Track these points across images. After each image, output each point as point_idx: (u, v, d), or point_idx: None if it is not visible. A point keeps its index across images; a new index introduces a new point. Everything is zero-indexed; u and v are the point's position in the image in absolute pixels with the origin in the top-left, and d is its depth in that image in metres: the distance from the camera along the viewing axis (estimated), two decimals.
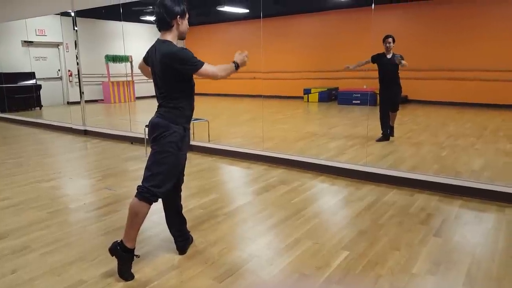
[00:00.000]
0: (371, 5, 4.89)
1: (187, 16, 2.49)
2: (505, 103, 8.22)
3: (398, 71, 5.75)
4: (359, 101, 10.00)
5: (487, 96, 8.72)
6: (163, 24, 2.43)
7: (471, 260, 2.59)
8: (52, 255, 2.71)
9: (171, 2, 2.39)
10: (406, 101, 9.98)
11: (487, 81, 8.67)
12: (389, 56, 5.72)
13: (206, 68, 2.37)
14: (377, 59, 5.82)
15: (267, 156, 5.08)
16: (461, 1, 9.32)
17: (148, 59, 2.57)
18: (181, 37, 2.52)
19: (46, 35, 11.03)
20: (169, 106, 2.44)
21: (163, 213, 3.38)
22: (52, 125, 8.17)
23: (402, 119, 7.89)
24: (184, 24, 2.48)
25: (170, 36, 2.45)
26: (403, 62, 5.53)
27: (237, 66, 2.49)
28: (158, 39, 2.49)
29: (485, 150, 5.47)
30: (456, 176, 4.05)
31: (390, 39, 5.67)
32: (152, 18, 12.07)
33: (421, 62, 9.59)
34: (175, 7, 2.39)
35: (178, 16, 2.42)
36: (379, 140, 5.89)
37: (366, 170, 4.30)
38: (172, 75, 2.39)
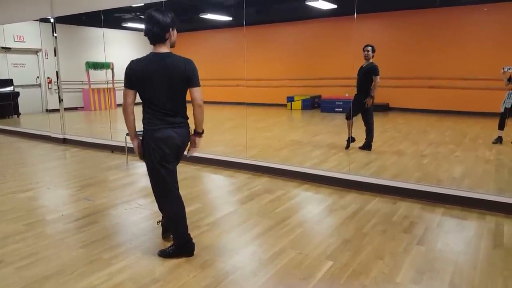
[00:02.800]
0: (354, 14, 4.95)
1: (176, 25, 2.59)
2: (483, 111, 8.42)
3: (368, 81, 5.78)
4: (341, 109, 10.09)
5: (466, 104, 8.92)
6: (159, 38, 2.52)
7: (453, 268, 2.60)
8: (28, 269, 2.60)
9: (161, 16, 2.49)
10: (387, 109, 10.14)
11: (466, 90, 8.89)
12: (365, 64, 5.80)
13: (200, 89, 2.62)
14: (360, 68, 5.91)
15: (251, 164, 5.05)
16: (441, 12, 9.56)
17: (139, 77, 2.53)
18: (173, 45, 2.63)
19: (24, 42, 10.80)
20: (184, 114, 2.66)
21: (142, 225, 3.33)
22: (30, 133, 7.96)
23: (384, 126, 7.99)
24: (174, 34, 2.60)
25: (166, 48, 2.56)
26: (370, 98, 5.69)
27: (200, 133, 2.76)
28: (156, 52, 2.55)
29: (465, 157, 5.57)
30: (437, 184, 4.10)
31: (369, 48, 5.74)
32: (134, 25, 11.97)
33: (402, 70, 9.78)
34: (166, 21, 2.50)
35: (170, 28, 2.53)
36: (346, 147, 5.99)
37: (350, 178, 4.32)
38: (186, 85, 2.58)
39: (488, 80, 8.16)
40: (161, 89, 2.53)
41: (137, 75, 2.53)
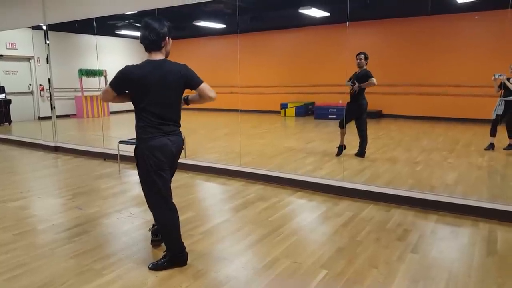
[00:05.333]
0: (346, 22, 4.98)
1: (171, 34, 2.59)
2: (475, 118, 8.48)
3: (362, 88, 5.80)
4: (335, 116, 10.12)
5: (458, 111, 8.99)
6: (155, 46, 2.52)
7: (448, 276, 2.59)
8: (17, 281, 2.55)
9: (158, 24, 2.49)
10: (380, 115, 10.18)
11: (458, 96, 8.96)
12: (358, 71, 5.83)
13: (206, 84, 2.61)
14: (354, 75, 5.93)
15: (245, 171, 5.02)
16: (432, 19, 9.66)
17: (136, 83, 2.49)
18: (167, 54, 2.63)
19: (17, 49, 10.73)
20: (177, 122, 2.66)
21: (134, 234, 3.28)
22: (22, 141, 7.87)
23: (377, 133, 8.02)
24: (170, 42, 2.60)
25: (161, 55, 2.56)
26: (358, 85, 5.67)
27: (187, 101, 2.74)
28: (152, 60, 2.54)
29: (458, 164, 5.59)
30: (430, 191, 4.11)
31: (362, 56, 5.76)
32: (128, 32, 11.96)
33: (394, 77, 9.83)
34: (163, 29, 2.50)
35: (167, 37, 2.53)
36: (337, 154, 5.98)
37: (343, 186, 4.31)
38: (182, 92, 2.61)
39: (479, 87, 8.24)
40: (158, 96, 2.51)
41: (134, 81, 2.49)
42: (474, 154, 6.18)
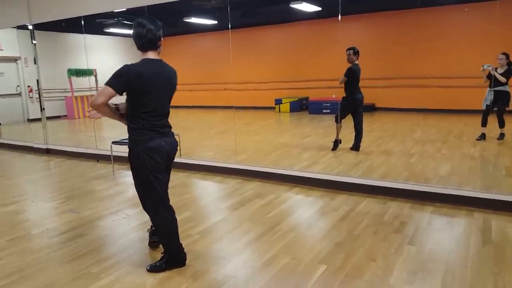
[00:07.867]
0: (338, 16, 4.96)
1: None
2: (466, 108, 8.53)
3: (351, 83, 5.82)
4: (329, 110, 10.13)
5: (449, 102, 9.04)
6: (152, 45, 2.52)
7: (445, 267, 2.61)
8: (13, 287, 2.51)
9: (154, 26, 2.50)
10: (374, 109, 10.21)
11: (449, 88, 9.00)
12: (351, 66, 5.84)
13: None
14: None
15: (241, 169, 5.00)
16: (422, 12, 9.68)
17: (142, 83, 2.41)
18: (158, 54, 2.64)
19: (2, 50, 10.55)
20: (168, 122, 2.66)
21: (131, 236, 3.25)
22: (11, 144, 7.76)
23: (371, 126, 8.04)
24: (162, 44, 2.60)
25: (156, 55, 2.57)
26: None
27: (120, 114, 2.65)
28: (152, 59, 2.52)
29: (451, 155, 5.63)
30: (425, 182, 4.13)
31: (350, 51, 5.77)
32: (117, 31, 11.82)
33: (387, 70, 9.86)
34: (159, 30, 2.52)
35: (162, 38, 2.56)
36: (333, 149, 6.00)
37: (339, 180, 4.32)
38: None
39: (470, 78, 8.28)
40: (161, 97, 2.51)
41: (137, 79, 2.39)
42: (467, 144, 6.22)
